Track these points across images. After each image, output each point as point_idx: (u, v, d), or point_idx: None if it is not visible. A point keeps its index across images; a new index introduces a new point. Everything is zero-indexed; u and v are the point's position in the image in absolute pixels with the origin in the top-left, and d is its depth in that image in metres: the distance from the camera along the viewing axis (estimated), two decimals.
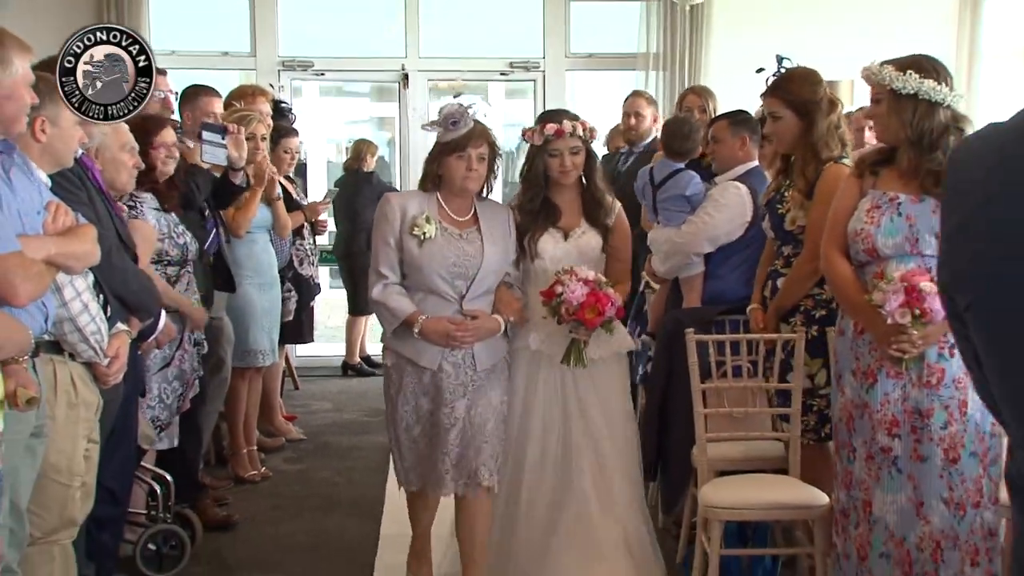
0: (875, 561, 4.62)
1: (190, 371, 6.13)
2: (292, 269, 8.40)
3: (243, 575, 6.21)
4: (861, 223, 4.64)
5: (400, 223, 5.11)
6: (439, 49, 12.31)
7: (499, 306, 5.27)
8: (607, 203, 5.56)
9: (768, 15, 11.28)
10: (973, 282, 1.75)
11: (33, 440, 4.16)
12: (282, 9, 12.02)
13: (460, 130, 5.02)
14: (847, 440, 4.73)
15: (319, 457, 8.61)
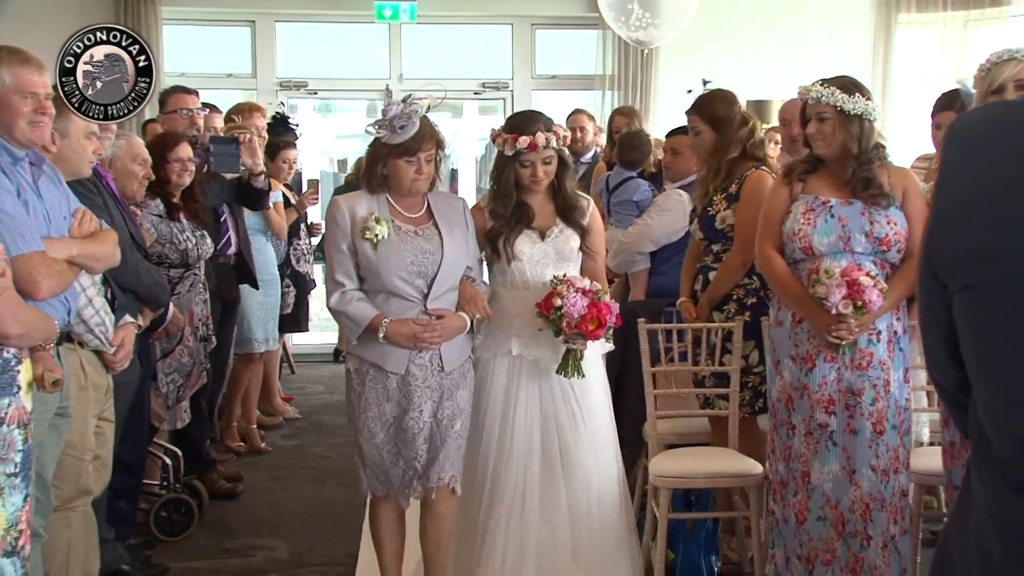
0: (813, 524, 4.69)
1: (190, 364, 6.08)
2: (290, 266, 8.41)
3: (244, 538, 6.19)
4: (798, 224, 4.67)
5: (351, 226, 4.53)
6: (419, 71, 12.26)
7: (463, 303, 4.66)
8: (581, 205, 4.90)
9: (706, 43, 11.35)
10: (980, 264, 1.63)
11: (58, 419, 4.18)
12: (279, 36, 12.05)
13: (408, 132, 4.39)
14: (786, 419, 4.77)
15: (312, 434, 8.61)
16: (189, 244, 5.94)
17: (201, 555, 5.89)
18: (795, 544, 4.75)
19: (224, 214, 6.77)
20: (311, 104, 13.39)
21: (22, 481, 3.59)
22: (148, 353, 5.47)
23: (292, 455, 8.00)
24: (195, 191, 6.18)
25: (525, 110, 5.23)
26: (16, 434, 3.56)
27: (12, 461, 3.55)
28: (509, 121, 4.98)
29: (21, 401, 3.60)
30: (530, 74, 12.33)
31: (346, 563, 5.80)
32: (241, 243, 6.96)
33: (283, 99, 11.75)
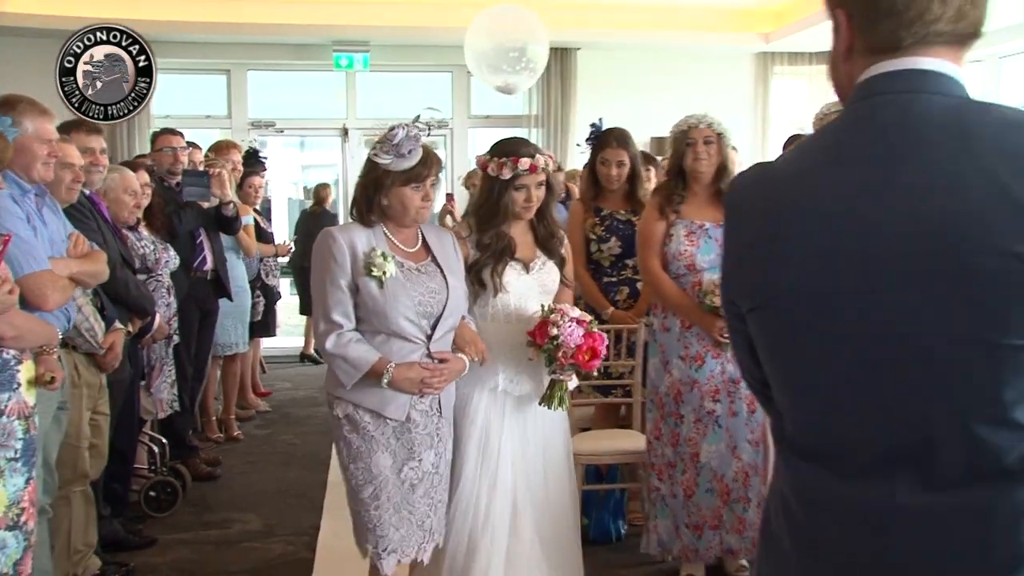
0: (701, 496, 4.73)
1: (155, 358, 5.99)
2: (260, 280, 8.35)
3: (222, 513, 6.17)
4: (683, 246, 4.71)
5: (351, 262, 3.59)
6: (371, 112, 12.34)
7: (460, 344, 3.82)
8: (560, 234, 4.23)
9: (616, 88, 11.54)
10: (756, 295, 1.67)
11: (59, 412, 4.23)
12: (251, 82, 12.12)
13: (415, 157, 3.56)
14: (674, 410, 4.79)
15: (281, 424, 8.59)
16: (147, 251, 5.81)
17: (185, 528, 5.85)
18: (684, 515, 4.79)
19: (200, 236, 6.72)
20: (279, 141, 13.40)
21: (23, 465, 3.58)
22: (137, 356, 5.45)
23: (263, 442, 7.96)
24: (154, 210, 6.07)
25: (510, 136, 4.25)
26: (16, 424, 3.56)
27: (12, 448, 3.54)
28: (499, 147, 4.09)
29: (22, 396, 3.60)
30: (467, 114, 12.48)
31: (310, 533, 5.79)
32: (217, 261, 6.92)
33: (254, 136, 11.69)
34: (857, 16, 1.57)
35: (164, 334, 5.76)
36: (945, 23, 1.52)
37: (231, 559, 5.42)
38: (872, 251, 1.50)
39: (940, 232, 1.46)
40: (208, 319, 6.95)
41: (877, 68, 1.56)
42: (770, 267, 1.62)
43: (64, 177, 4.40)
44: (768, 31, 11.57)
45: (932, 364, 1.49)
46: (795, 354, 1.63)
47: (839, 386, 1.57)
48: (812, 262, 1.54)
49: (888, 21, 1.53)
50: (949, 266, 1.46)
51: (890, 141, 1.52)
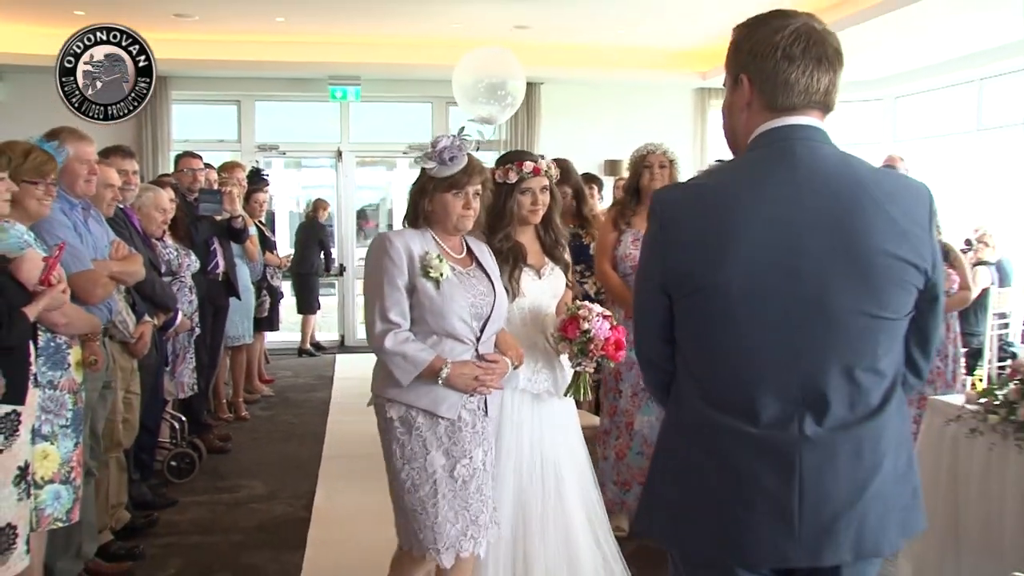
0: (632, 458, 4.92)
1: (179, 347, 6.16)
2: (266, 281, 8.51)
3: (232, 480, 6.34)
4: (629, 250, 4.94)
5: (409, 264, 3.29)
6: (363, 136, 12.43)
7: (503, 348, 3.54)
8: (563, 241, 4.00)
9: (574, 117, 11.69)
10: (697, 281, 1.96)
11: (105, 391, 4.44)
12: (258, 111, 12.10)
13: (457, 166, 3.30)
14: (615, 387, 4.99)
15: (282, 407, 8.71)
16: (171, 256, 5.97)
17: (201, 492, 6.03)
18: (613, 474, 4.97)
19: (214, 244, 6.91)
20: (282, 162, 13.52)
21: (73, 432, 3.84)
22: (162, 346, 5.62)
23: (267, 422, 8.10)
24: (178, 222, 6.22)
25: (515, 149, 3.95)
26: (67, 397, 3.82)
27: (64, 416, 3.80)
28: (506, 156, 3.96)
29: (71, 374, 3.85)
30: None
31: (306, 497, 5.94)
32: (228, 266, 7.10)
33: (260, 158, 11.86)
34: (759, 82, 1.99)
35: (186, 327, 5.95)
36: (819, 96, 2.00)
37: (239, 517, 5.59)
38: (796, 246, 1.91)
39: (844, 236, 1.91)
40: (220, 315, 7.12)
41: (778, 121, 1.99)
42: (714, 259, 1.94)
43: (105, 195, 4.61)
44: (705, 70, 11.74)
45: (834, 329, 1.92)
46: (728, 328, 1.96)
47: (763, 349, 1.94)
48: (751, 254, 1.91)
49: (785, 90, 1.98)
50: (850, 260, 1.91)
51: (802, 170, 1.96)
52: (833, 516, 1.94)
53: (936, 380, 5.35)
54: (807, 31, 1.98)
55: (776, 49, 1.96)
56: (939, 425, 3.94)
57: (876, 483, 1.96)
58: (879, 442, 1.97)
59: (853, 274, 1.91)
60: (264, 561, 4.91)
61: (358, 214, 14.38)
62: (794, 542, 1.95)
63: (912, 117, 12.00)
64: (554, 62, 11.08)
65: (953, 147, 10.99)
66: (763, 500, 1.95)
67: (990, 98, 10.57)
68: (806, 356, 1.93)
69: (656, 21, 9.80)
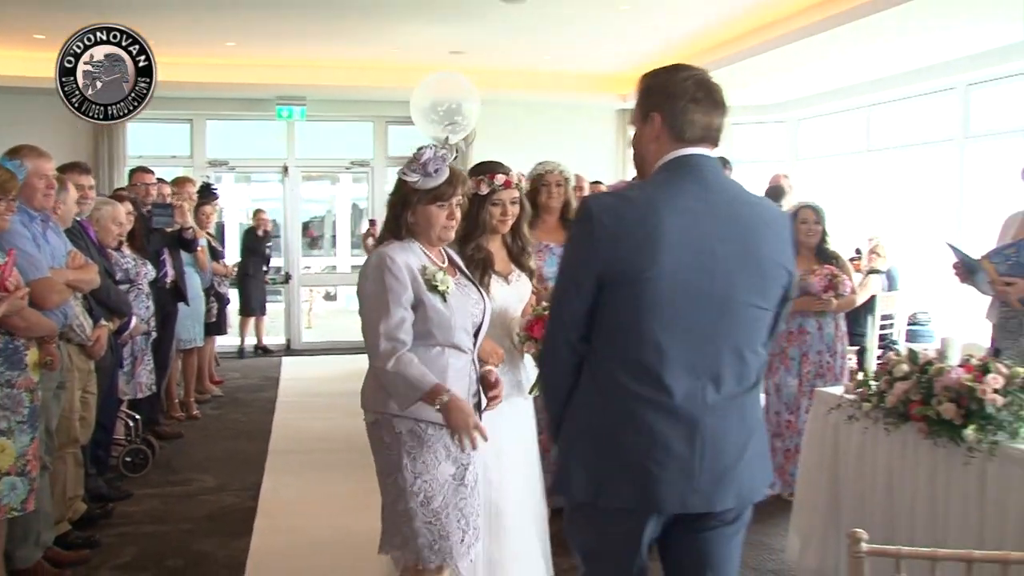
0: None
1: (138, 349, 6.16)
2: (214, 289, 8.48)
3: (184, 474, 6.34)
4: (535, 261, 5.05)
5: (412, 280, 3.04)
6: (306, 153, 12.42)
7: (484, 355, 3.39)
8: (529, 249, 3.86)
9: (508, 136, 11.72)
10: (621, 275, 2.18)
11: (59, 390, 4.45)
12: (209, 129, 12.06)
13: (440, 177, 3.08)
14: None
15: (231, 406, 8.70)
16: (129, 266, 5.96)
17: (154, 485, 6.03)
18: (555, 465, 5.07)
19: (164, 254, 6.90)
20: (232, 176, 13.46)
21: (29, 427, 3.86)
22: (117, 348, 5.58)
23: (217, 420, 8.09)
24: (136, 233, 6.21)
25: (486, 160, 3.84)
26: (24, 395, 3.84)
27: (21, 413, 3.82)
28: (478, 167, 3.78)
29: (28, 374, 3.87)
30: (385, 155, 12.53)
31: (253, 488, 5.97)
32: (177, 274, 7.10)
33: (211, 173, 11.80)
34: (669, 119, 2.27)
35: (140, 331, 5.93)
36: (715, 132, 2.30)
37: (191, 508, 5.60)
38: (711, 251, 2.18)
39: (747, 245, 2.23)
40: (169, 320, 7.09)
41: (685, 150, 2.28)
42: (645, 256, 2.16)
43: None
44: (626, 92, 11.92)
45: (734, 319, 2.23)
46: (655, 315, 2.18)
47: (680, 334, 2.19)
48: (675, 255, 2.16)
49: (691, 126, 2.27)
50: (751, 265, 2.24)
51: (712, 189, 2.26)
52: (724, 469, 2.24)
53: (826, 374, 5.54)
54: (707, 81, 2.31)
55: (685, 93, 2.27)
56: (823, 413, 4.11)
57: (752, 443, 2.29)
58: (755, 409, 2.34)
59: (753, 276, 2.25)
60: (213, 548, 4.93)
61: (304, 226, 14.38)
62: (693, 492, 2.22)
63: (812, 138, 12.32)
64: (487, 85, 11.14)
65: (847, 166, 11.32)
66: (673, 459, 2.20)
67: (877, 122, 10.92)
68: (712, 340, 2.22)
69: (582, 48, 9.97)
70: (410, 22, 8.82)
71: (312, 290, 14.27)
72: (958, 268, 4.70)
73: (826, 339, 5.57)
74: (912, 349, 3.80)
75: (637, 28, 9.02)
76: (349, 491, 5.81)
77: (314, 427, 7.73)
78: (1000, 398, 3.24)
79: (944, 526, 3.36)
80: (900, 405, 3.52)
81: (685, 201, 2.22)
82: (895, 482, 3.62)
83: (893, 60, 9.29)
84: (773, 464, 5.49)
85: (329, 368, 10.77)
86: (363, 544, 4.89)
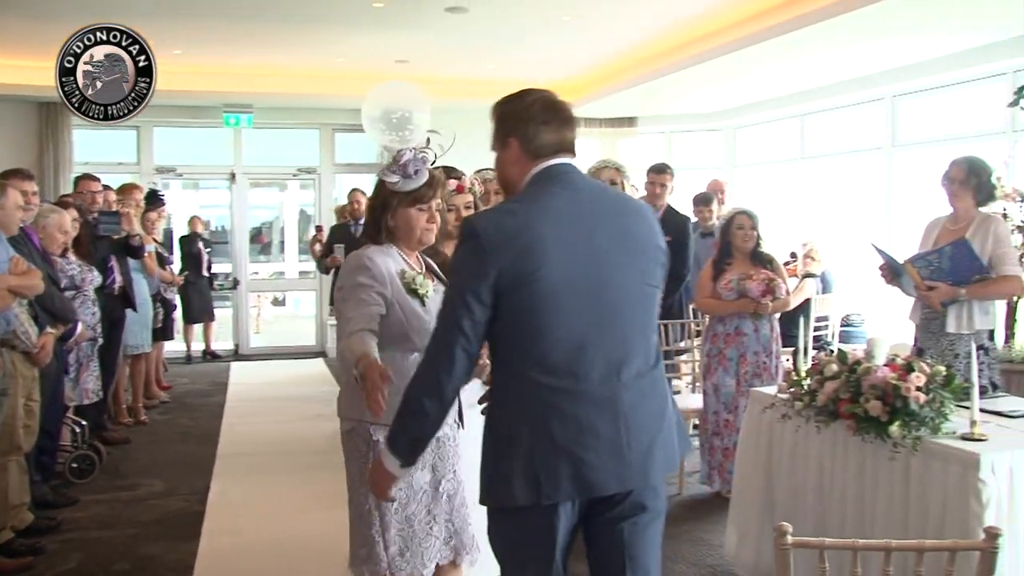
0: None
1: (84, 356, 6.09)
2: (160, 294, 8.42)
3: (132, 479, 6.27)
4: None
5: (391, 282, 2.92)
6: (253, 160, 12.34)
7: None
8: None
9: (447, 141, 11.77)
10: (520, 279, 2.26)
11: (2, 397, 4.42)
12: (156, 136, 11.92)
13: (420, 179, 3.02)
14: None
15: (179, 411, 8.63)
16: (75, 272, 5.90)
17: (101, 491, 5.95)
18: None
19: (111, 261, 6.82)
20: (180, 183, 13.32)
21: None
22: (62, 355, 5.53)
23: (165, 425, 8.02)
24: (82, 240, 6.14)
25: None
26: None
27: None
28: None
29: None
30: (331, 162, 12.52)
31: (202, 492, 5.93)
32: (124, 280, 7.02)
33: (158, 180, 11.64)
34: (524, 143, 2.41)
35: (86, 338, 5.87)
36: (569, 144, 2.45)
37: (138, 513, 5.54)
38: (591, 241, 2.32)
39: (622, 232, 2.38)
40: (116, 326, 7.02)
41: (547, 162, 2.41)
42: (534, 258, 2.26)
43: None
44: (568, 101, 12.04)
45: (630, 300, 2.37)
46: (555, 310, 2.28)
47: (584, 323, 2.29)
48: (561, 251, 2.28)
49: (545, 146, 2.40)
50: (630, 248, 2.38)
51: (580, 189, 2.41)
52: (649, 442, 2.35)
53: (763, 374, 5.63)
54: (552, 101, 2.47)
55: (534, 117, 2.41)
56: (758, 412, 4.19)
57: (667, 414, 2.43)
58: (662, 383, 2.46)
59: (637, 257, 2.40)
60: (161, 551, 4.88)
61: (256, 231, 14.26)
62: (627, 468, 2.31)
63: (748, 146, 12.51)
64: (432, 93, 11.11)
65: (782, 173, 11.51)
66: (602, 442, 2.29)
67: (810, 131, 11.13)
68: (613, 324, 2.33)
69: (525, 57, 10.02)
70: (356, 31, 8.81)
71: (260, 295, 14.16)
72: (884, 270, 4.84)
73: (762, 340, 5.67)
74: (841, 349, 3.89)
75: (578, 39, 9.10)
76: (297, 494, 5.81)
77: (263, 431, 7.70)
78: (922, 395, 3.34)
79: (871, 518, 3.45)
80: (830, 403, 3.60)
81: (558, 203, 2.35)
82: (826, 478, 3.71)
83: (824, 72, 9.49)
84: (712, 463, 5.64)
85: (277, 373, 10.71)
86: (311, 546, 4.92)
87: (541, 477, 2.27)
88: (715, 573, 4.54)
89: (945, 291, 4.56)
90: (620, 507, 2.38)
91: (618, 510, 2.38)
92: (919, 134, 9.46)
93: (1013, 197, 6.78)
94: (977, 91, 8.69)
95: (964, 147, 7.34)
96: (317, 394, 9.30)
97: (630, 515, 2.39)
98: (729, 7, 7.94)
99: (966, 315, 4.58)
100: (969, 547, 2.13)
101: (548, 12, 8.02)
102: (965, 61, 8.34)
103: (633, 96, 10.94)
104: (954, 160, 4.74)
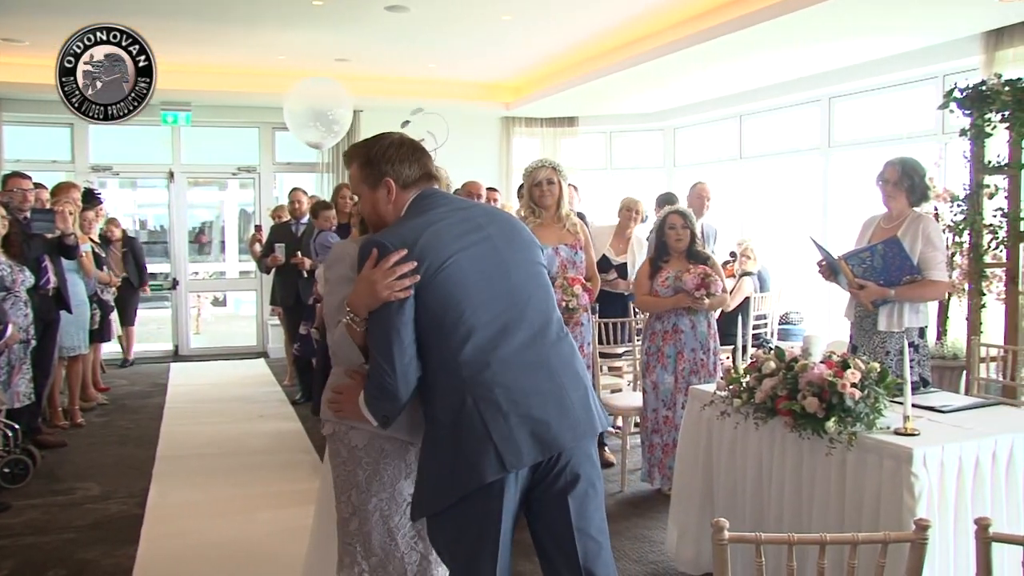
0: None
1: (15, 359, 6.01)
2: (97, 296, 8.29)
3: (68, 483, 6.16)
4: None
5: None
6: (192, 158, 12.16)
7: None
8: None
9: None
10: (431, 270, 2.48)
11: None
12: (91, 133, 11.69)
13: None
14: None
15: (118, 413, 8.49)
16: (5, 273, 5.81)
17: (36, 496, 5.84)
18: None
19: (45, 261, 6.68)
20: (117, 182, 13.09)
21: None
22: None
23: (103, 427, 7.88)
24: (12, 238, 6.03)
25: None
26: None
27: None
28: None
29: None
30: (271, 161, 12.37)
31: (140, 495, 5.85)
32: (59, 281, 6.87)
33: (94, 178, 11.42)
34: (396, 179, 2.66)
35: (17, 340, 5.75)
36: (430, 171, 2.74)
37: (75, 517, 5.44)
38: (482, 229, 2.60)
39: (504, 222, 2.71)
40: (51, 328, 6.88)
41: (417, 190, 2.69)
42: (432, 257, 2.48)
43: None
44: (509, 101, 12.06)
45: (532, 273, 2.64)
46: (471, 290, 2.48)
47: (500, 303, 2.52)
48: (456, 243, 2.53)
49: (411, 178, 2.68)
50: (515, 234, 2.70)
51: (453, 201, 2.72)
52: (584, 393, 2.57)
53: (700, 371, 5.69)
54: (405, 140, 2.74)
55: (395, 156, 2.67)
56: (697, 410, 4.24)
57: (588, 377, 2.66)
58: (576, 349, 2.67)
59: (521, 241, 2.69)
60: (98, 556, 4.79)
61: (195, 231, 14.04)
62: (574, 420, 2.51)
63: (687, 146, 12.65)
64: (373, 92, 11.14)
65: (720, 173, 11.66)
66: (550, 399, 2.48)
67: (748, 132, 11.29)
68: (531, 299, 2.58)
69: (466, 56, 10.02)
70: (295, 29, 8.72)
71: (200, 295, 13.97)
72: (822, 266, 4.93)
73: (699, 337, 5.72)
74: (779, 347, 3.95)
75: (519, 38, 9.12)
76: (238, 496, 5.75)
77: (203, 432, 7.59)
78: (857, 392, 3.40)
79: (808, 512, 3.51)
80: (768, 400, 3.66)
81: (443, 212, 2.62)
82: (764, 473, 3.76)
83: (762, 73, 9.63)
84: (652, 460, 5.69)
85: (218, 374, 10.59)
86: (256, 550, 4.87)
87: (501, 448, 2.39)
88: (657, 570, 4.58)
89: (875, 291, 4.66)
90: (561, 478, 2.51)
91: (560, 482, 2.51)
92: (854, 135, 9.65)
93: (944, 197, 6.96)
94: (910, 94, 8.90)
95: (897, 148, 7.53)
96: (259, 395, 9.23)
97: (572, 486, 2.52)
98: (669, 9, 8.02)
99: (896, 314, 4.69)
100: (900, 539, 2.18)
101: (489, 11, 8.02)
102: (898, 64, 8.53)
103: (574, 96, 11.01)
104: (888, 161, 4.84)
